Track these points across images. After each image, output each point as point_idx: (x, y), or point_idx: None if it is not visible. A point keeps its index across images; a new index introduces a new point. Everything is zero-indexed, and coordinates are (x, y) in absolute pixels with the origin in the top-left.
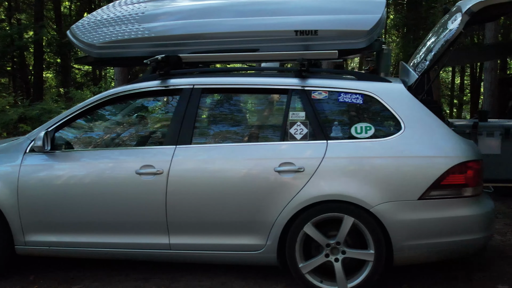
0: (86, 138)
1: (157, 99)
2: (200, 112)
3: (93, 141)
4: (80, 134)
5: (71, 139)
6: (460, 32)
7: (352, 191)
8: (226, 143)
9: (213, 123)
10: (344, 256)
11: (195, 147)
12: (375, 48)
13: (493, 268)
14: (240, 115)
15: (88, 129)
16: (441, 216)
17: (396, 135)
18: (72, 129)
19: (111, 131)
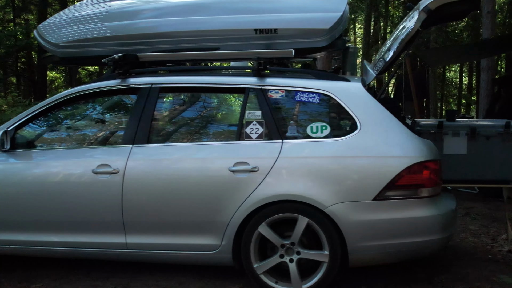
0: (46, 137)
1: (116, 98)
2: (158, 111)
3: (53, 140)
4: (41, 133)
5: (32, 138)
6: (417, 30)
7: (306, 191)
8: (182, 143)
9: (170, 122)
10: (299, 257)
11: (151, 147)
12: (339, 47)
13: (456, 270)
14: (197, 114)
15: (49, 128)
16: (396, 217)
17: (352, 134)
18: (34, 128)
19: (71, 130)
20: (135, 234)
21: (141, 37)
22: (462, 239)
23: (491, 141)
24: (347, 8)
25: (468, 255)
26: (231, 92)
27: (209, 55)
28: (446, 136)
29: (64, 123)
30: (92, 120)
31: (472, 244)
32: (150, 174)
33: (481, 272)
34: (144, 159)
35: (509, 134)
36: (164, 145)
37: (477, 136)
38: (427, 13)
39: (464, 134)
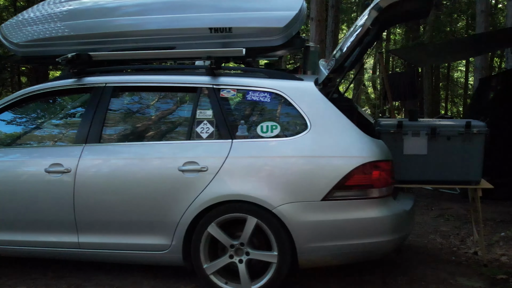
0: (0, 136)
1: (71, 98)
2: (111, 111)
3: (7, 139)
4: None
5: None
6: (367, 28)
7: (255, 191)
8: (134, 142)
9: (123, 122)
10: (248, 257)
11: (103, 146)
12: (297, 46)
13: (414, 272)
14: (150, 113)
15: (3, 127)
16: (346, 217)
17: (301, 134)
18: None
19: (26, 129)
20: (87, 234)
21: (98, 36)
22: (430, 240)
23: (452, 141)
24: (304, 6)
25: (431, 257)
26: (184, 91)
27: (161, 54)
28: (406, 136)
29: (19, 123)
30: (46, 119)
31: (438, 245)
32: (101, 174)
33: (439, 274)
34: (96, 159)
35: (469, 134)
36: (115, 145)
37: (438, 136)
38: (378, 11)
39: (424, 134)
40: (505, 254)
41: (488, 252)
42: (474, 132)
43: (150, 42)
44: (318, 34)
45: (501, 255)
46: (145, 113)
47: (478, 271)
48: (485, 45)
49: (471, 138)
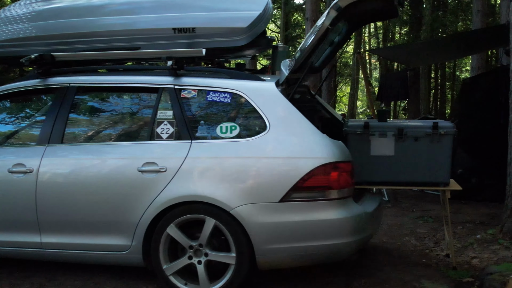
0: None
1: (36, 98)
2: (73, 111)
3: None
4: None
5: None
6: (326, 28)
7: (213, 192)
8: (95, 143)
9: (85, 122)
10: (207, 258)
11: (65, 147)
12: (263, 46)
13: (380, 274)
14: (112, 114)
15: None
16: (304, 219)
17: (260, 135)
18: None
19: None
20: (49, 234)
21: (65, 37)
22: (404, 242)
23: (419, 142)
24: (269, 6)
25: (401, 259)
26: (146, 91)
27: (123, 54)
28: (373, 137)
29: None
30: (11, 119)
31: (411, 247)
32: (62, 174)
33: (404, 277)
34: (57, 159)
35: (437, 135)
36: (77, 145)
37: (405, 137)
38: (337, 11)
39: (391, 135)
40: (477, 256)
41: (461, 255)
42: (442, 133)
43: (116, 43)
44: None
45: (472, 257)
46: (108, 114)
47: (445, 274)
48: (471, 45)
49: (439, 139)
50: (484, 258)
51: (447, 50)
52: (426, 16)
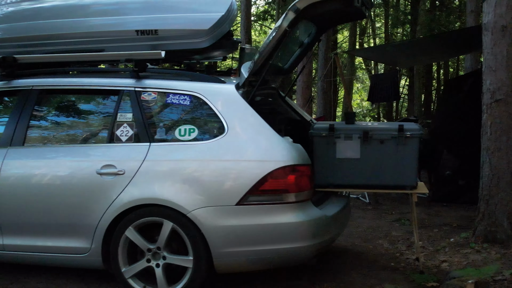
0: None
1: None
2: (36, 113)
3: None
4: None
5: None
6: (285, 30)
7: (170, 195)
8: (57, 145)
9: (48, 125)
10: (165, 261)
11: (26, 149)
12: (227, 48)
13: (344, 278)
14: (74, 116)
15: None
16: (261, 222)
17: (218, 138)
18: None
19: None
20: (11, 236)
21: (30, 39)
22: (377, 245)
23: (385, 145)
24: (233, 7)
25: (370, 262)
26: (107, 94)
27: (85, 56)
28: (338, 139)
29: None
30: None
31: (383, 251)
32: (23, 176)
33: (368, 281)
34: (18, 161)
35: (402, 138)
36: (39, 148)
37: (370, 139)
38: (295, 13)
39: (356, 138)
40: (447, 260)
41: (431, 258)
42: (407, 135)
43: (81, 45)
44: None
45: (442, 261)
46: (69, 116)
47: (411, 278)
48: (452, 46)
49: (405, 142)
50: (454, 262)
51: (428, 51)
52: (421, 16)
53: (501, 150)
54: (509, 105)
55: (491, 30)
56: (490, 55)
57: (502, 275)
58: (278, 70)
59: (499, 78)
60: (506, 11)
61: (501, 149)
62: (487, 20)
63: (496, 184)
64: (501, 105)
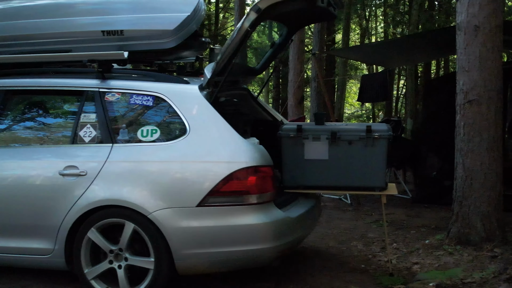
0: None
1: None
2: (0, 114)
3: None
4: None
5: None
6: (246, 31)
7: (131, 196)
8: (21, 145)
9: (11, 125)
10: (127, 263)
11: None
12: (195, 48)
13: (310, 280)
14: (38, 117)
15: None
16: (222, 224)
17: (180, 139)
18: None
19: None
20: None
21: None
22: (351, 247)
23: (353, 146)
24: (201, 7)
25: (340, 264)
26: (72, 94)
27: (48, 57)
28: (306, 140)
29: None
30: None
31: (356, 252)
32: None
33: (334, 283)
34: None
35: (370, 139)
36: (2, 148)
37: (338, 140)
38: (256, 13)
39: (324, 139)
40: (419, 262)
41: (403, 261)
42: (376, 136)
43: (49, 45)
44: (298, 35)
45: (414, 263)
46: (34, 117)
47: (378, 280)
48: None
49: (373, 143)
50: (425, 264)
51: (407, 51)
52: (413, 16)
53: (474, 152)
54: (482, 106)
55: (464, 30)
56: (463, 56)
57: (472, 278)
58: (248, 70)
59: (472, 78)
60: (478, 11)
61: (474, 150)
62: (460, 20)
63: (469, 186)
64: (474, 106)
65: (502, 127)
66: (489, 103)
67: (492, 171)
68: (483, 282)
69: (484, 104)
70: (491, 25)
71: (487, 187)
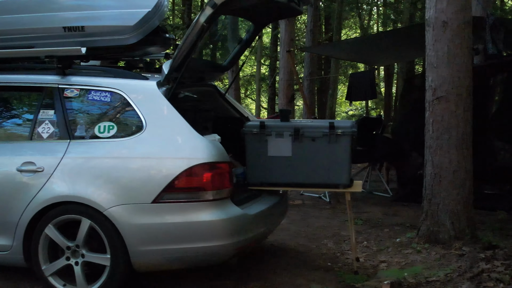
0: None
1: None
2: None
3: None
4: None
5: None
6: (202, 26)
7: (87, 192)
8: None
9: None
10: (84, 259)
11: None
12: (159, 44)
13: (271, 278)
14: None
15: None
16: (177, 220)
17: (136, 135)
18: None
19: None
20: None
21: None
22: (321, 245)
23: (317, 143)
24: (163, 3)
25: (307, 262)
26: (32, 90)
27: (5, 53)
28: (269, 137)
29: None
30: None
31: (325, 250)
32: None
33: (296, 281)
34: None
35: (334, 135)
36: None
37: (302, 137)
38: (212, 8)
39: (288, 135)
40: (386, 261)
41: (372, 259)
42: (339, 133)
43: (11, 41)
44: (288, 33)
45: (381, 262)
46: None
47: (341, 278)
48: None
49: (336, 140)
50: (392, 263)
51: (384, 49)
52: (405, 14)
53: (443, 149)
54: (450, 103)
55: (432, 25)
56: (432, 52)
57: (437, 276)
58: (215, 67)
59: (440, 75)
60: (447, 6)
61: (443, 147)
62: (428, 16)
63: (438, 183)
64: (443, 103)
65: (479, 125)
66: (458, 100)
67: (461, 169)
68: (447, 281)
69: (452, 101)
70: (459, 21)
71: (456, 185)
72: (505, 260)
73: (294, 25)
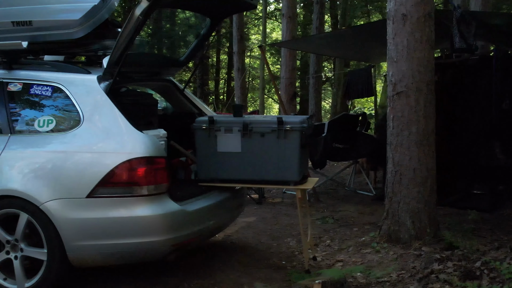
0: None
1: None
2: None
3: None
4: None
5: None
6: (137, 19)
7: (24, 187)
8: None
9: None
10: (22, 254)
11: None
12: (110, 38)
13: (217, 275)
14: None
15: None
16: (111, 215)
17: (74, 129)
18: None
19: None
20: None
21: None
22: (282, 243)
23: (266, 139)
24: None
25: (259, 261)
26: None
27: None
28: (219, 132)
29: None
30: None
31: (284, 249)
32: None
33: (241, 279)
34: None
35: (282, 131)
36: None
37: (251, 133)
38: (148, 1)
39: (237, 131)
40: (343, 260)
41: (330, 258)
42: (287, 128)
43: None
44: (290, 30)
45: (338, 261)
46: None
47: (289, 278)
48: None
49: (285, 135)
50: (349, 262)
51: (352, 45)
52: None
53: (403, 146)
54: (410, 98)
55: (392, 18)
56: (392, 45)
57: (389, 277)
58: (171, 62)
59: (400, 69)
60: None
61: (403, 144)
62: (388, 8)
63: (399, 181)
64: (403, 98)
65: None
66: (418, 96)
67: (422, 166)
68: (398, 281)
69: (412, 96)
70: (419, 13)
71: (417, 183)
72: (459, 261)
73: (295, 23)
